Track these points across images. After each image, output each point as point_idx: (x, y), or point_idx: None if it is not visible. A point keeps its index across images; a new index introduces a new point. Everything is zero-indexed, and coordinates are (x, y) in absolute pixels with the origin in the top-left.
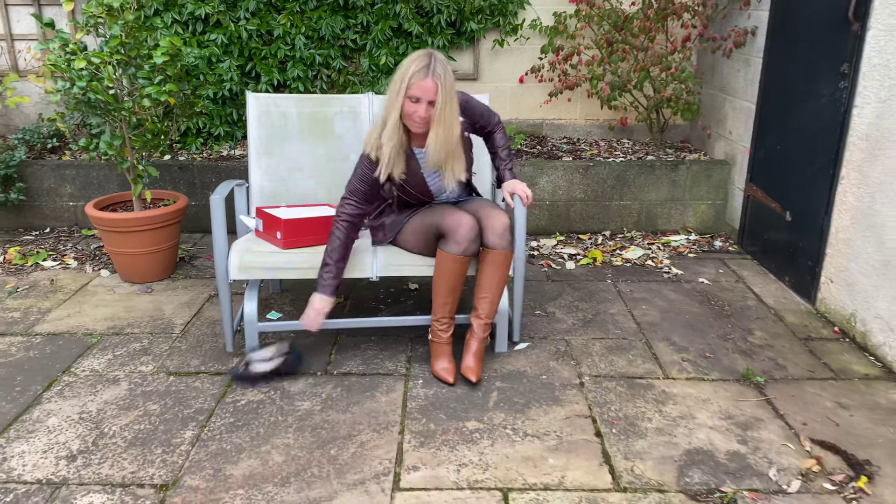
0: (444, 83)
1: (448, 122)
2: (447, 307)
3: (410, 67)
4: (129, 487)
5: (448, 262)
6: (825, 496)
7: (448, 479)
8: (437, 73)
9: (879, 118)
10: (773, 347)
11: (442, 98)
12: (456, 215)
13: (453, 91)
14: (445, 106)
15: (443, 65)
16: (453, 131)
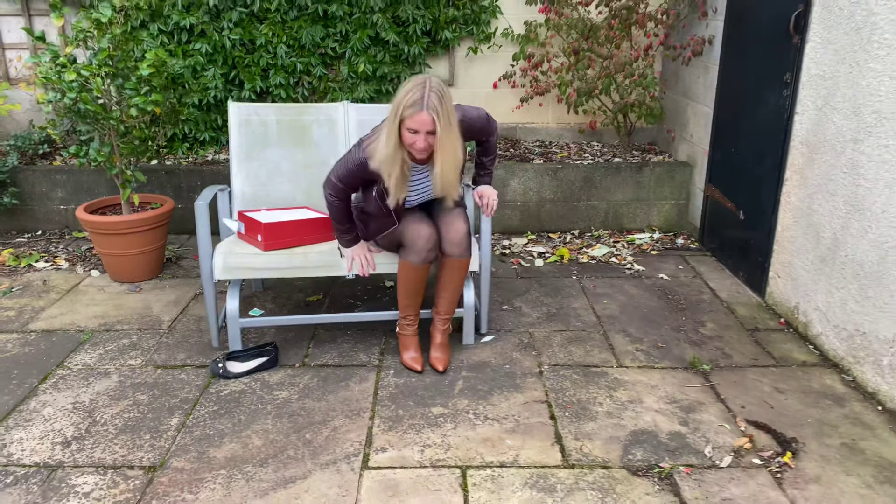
0: (441, 113)
1: (451, 149)
2: (410, 307)
3: (405, 99)
4: (119, 469)
5: (408, 271)
6: (752, 470)
7: (413, 458)
8: (432, 104)
9: (817, 125)
10: (722, 338)
11: (441, 128)
12: (415, 228)
13: (452, 116)
14: (445, 135)
15: (437, 94)
16: (457, 156)
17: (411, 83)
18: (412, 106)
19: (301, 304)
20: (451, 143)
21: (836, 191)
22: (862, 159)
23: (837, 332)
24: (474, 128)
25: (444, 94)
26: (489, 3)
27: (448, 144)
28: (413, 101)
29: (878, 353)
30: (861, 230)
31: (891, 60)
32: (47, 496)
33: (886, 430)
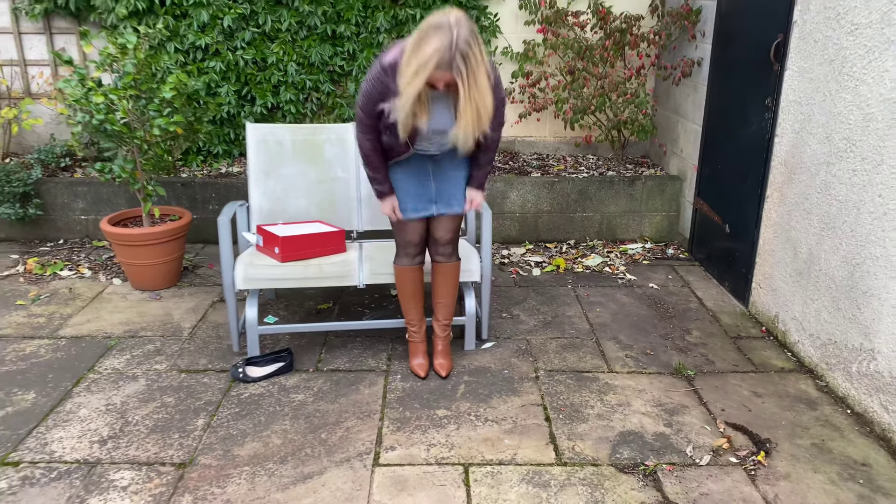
0: (466, 73)
1: (477, 103)
2: (413, 311)
3: (432, 59)
4: (153, 465)
5: (400, 273)
6: (729, 468)
7: (419, 456)
8: (457, 66)
9: (794, 147)
10: (707, 345)
11: (466, 86)
12: (406, 234)
13: (479, 67)
14: (471, 89)
15: (463, 53)
16: (484, 110)
17: (437, 38)
18: (440, 66)
19: (312, 312)
20: (477, 97)
21: (812, 209)
22: (834, 181)
23: (812, 340)
24: (496, 100)
25: (472, 46)
26: (489, 23)
27: (473, 100)
28: (441, 62)
29: (847, 360)
30: (833, 247)
31: (858, 92)
32: (89, 489)
33: (854, 431)
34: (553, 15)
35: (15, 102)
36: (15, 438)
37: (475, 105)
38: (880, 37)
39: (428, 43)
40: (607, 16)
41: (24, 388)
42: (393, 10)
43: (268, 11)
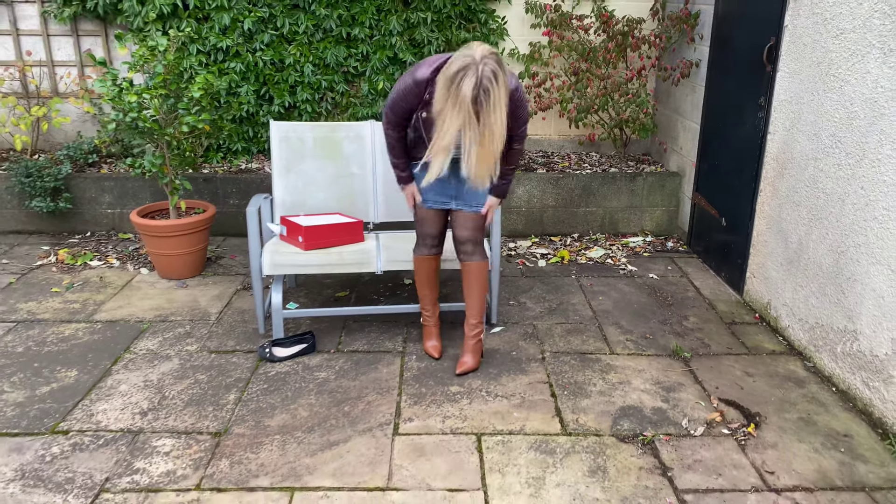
0: (489, 107)
1: (490, 142)
2: (426, 298)
3: (467, 96)
4: (191, 434)
5: (417, 262)
6: (721, 438)
7: (435, 427)
8: (481, 100)
9: (786, 144)
10: (703, 330)
11: (484, 121)
12: (424, 226)
13: (499, 106)
14: (486, 129)
15: (486, 90)
16: (495, 149)
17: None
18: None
19: (330, 299)
20: (490, 135)
21: (801, 202)
22: (821, 175)
23: (801, 324)
24: (516, 112)
25: (496, 87)
26: (497, 26)
27: (487, 137)
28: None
29: (832, 342)
30: (820, 236)
31: (843, 92)
32: (135, 454)
33: (838, 407)
34: (558, 18)
35: (44, 101)
36: (63, 410)
37: (491, 140)
38: (863, 41)
39: (462, 83)
40: (610, 20)
41: (67, 366)
42: (405, 13)
43: (286, 15)
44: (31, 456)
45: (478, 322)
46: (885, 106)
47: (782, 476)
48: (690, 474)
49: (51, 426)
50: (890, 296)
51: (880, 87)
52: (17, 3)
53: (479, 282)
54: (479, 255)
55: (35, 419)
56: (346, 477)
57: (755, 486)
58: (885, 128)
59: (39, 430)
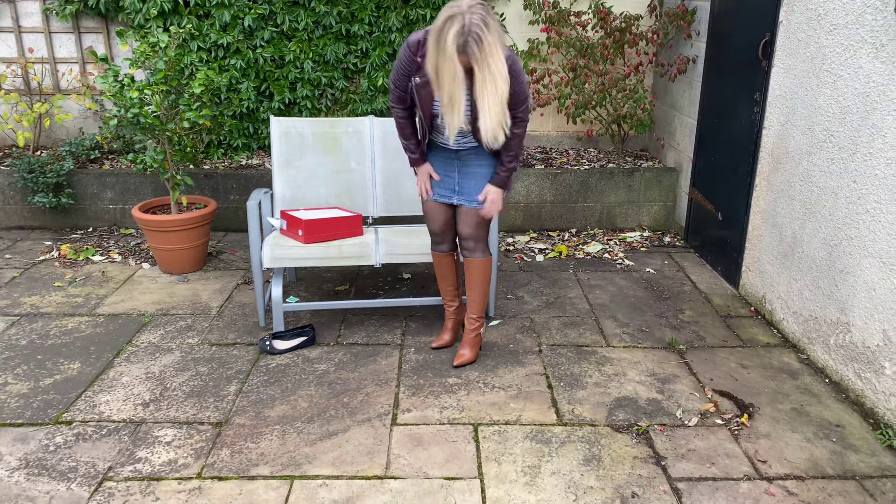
0: (482, 54)
1: (496, 85)
2: (443, 291)
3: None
4: (192, 424)
5: (433, 257)
6: (715, 428)
7: (433, 417)
8: (471, 50)
9: (780, 139)
10: (698, 323)
11: (481, 68)
12: (429, 222)
13: (494, 50)
14: (485, 71)
15: (475, 37)
16: (502, 95)
17: (453, 26)
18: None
19: (330, 293)
20: (492, 82)
21: (795, 196)
22: (814, 169)
23: (795, 317)
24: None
25: (483, 33)
26: None
27: (486, 87)
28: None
29: (825, 334)
30: (814, 230)
31: (836, 87)
32: (137, 444)
33: (830, 398)
34: (556, 15)
35: (46, 98)
36: (66, 401)
37: (494, 87)
38: (855, 36)
39: (448, 31)
40: (608, 16)
41: (70, 358)
42: (404, 10)
43: (286, 12)
44: (35, 445)
45: (477, 317)
46: (877, 100)
47: (774, 465)
48: (684, 463)
49: (54, 417)
50: (881, 288)
51: (872, 82)
52: (19, 0)
53: (479, 278)
54: (481, 252)
55: (39, 410)
56: (345, 466)
57: (747, 474)
58: (877, 122)
59: (43, 421)
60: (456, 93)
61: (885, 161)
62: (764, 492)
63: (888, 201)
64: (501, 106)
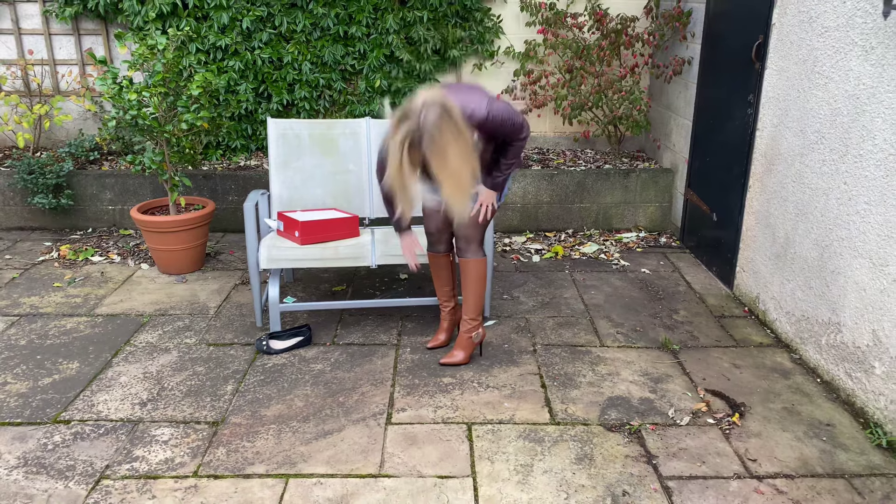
0: (435, 146)
1: (455, 173)
2: (440, 291)
3: (405, 141)
4: (189, 424)
5: (428, 257)
6: (706, 427)
7: (427, 416)
8: (425, 145)
9: (773, 140)
10: (692, 323)
11: (437, 158)
12: (426, 222)
13: (448, 140)
14: (443, 165)
15: (430, 132)
16: (464, 178)
17: (406, 124)
18: (411, 147)
19: (327, 293)
20: (453, 166)
21: (788, 197)
22: (806, 171)
23: (788, 317)
24: (495, 128)
25: (439, 123)
26: (493, 24)
27: (449, 170)
28: (411, 144)
29: (817, 334)
30: (806, 231)
31: (827, 89)
32: (134, 442)
33: (821, 397)
34: (553, 16)
35: (46, 99)
36: (64, 401)
37: (452, 177)
38: (846, 39)
39: (401, 128)
40: (604, 18)
41: (68, 358)
42: (402, 12)
43: (284, 14)
44: (33, 444)
45: (470, 318)
46: (867, 103)
47: (764, 463)
48: (675, 462)
49: (53, 416)
50: (871, 288)
51: (862, 85)
52: (18, 2)
53: (473, 279)
54: (473, 253)
55: (37, 409)
56: (340, 464)
57: (737, 472)
58: (867, 124)
59: (42, 420)
60: (399, 185)
61: (874, 163)
62: (753, 490)
63: (878, 203)
64: (463, 194)
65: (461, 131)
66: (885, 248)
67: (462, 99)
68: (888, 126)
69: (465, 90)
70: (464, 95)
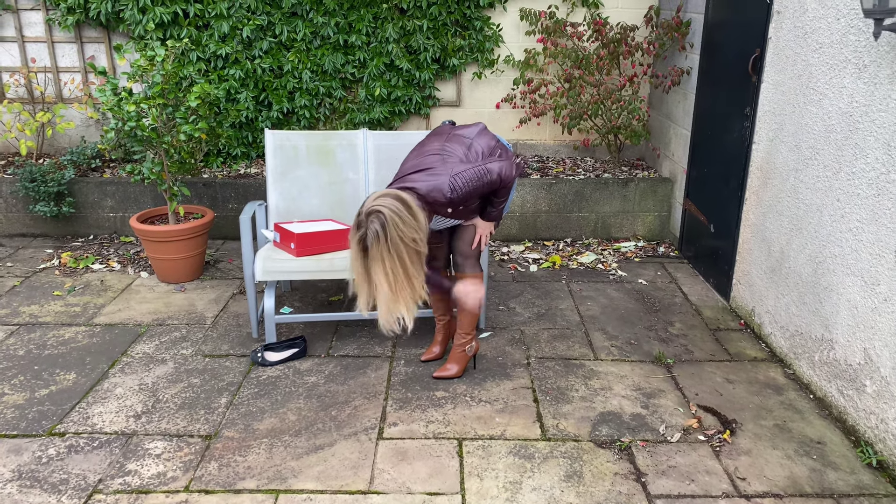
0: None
1: (382, 290)
2: (435, 306)
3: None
4: (182, 437)
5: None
6: (697, 444)
7: (419, 431)
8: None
9: (769, 154)
10: (687, 336)
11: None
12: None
13: (383, 258)
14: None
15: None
16: (387, 296)
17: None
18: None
19: (324, 303)
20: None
21: (783, 211)
22: (801, 186)
23: (783, 332)
24: (472, 196)
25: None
26: (493, 33)
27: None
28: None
29: (811, 350)
30: (800, 246)
31: (822, 105)
32: (127, 456)
33: (814, 414)
34: (552, 25)
35: (48, 107)
36: (60, 413)
37: (380, 293)
38: (840, 56)
39: (352, 238)
40: (603, 27)
41: (66, 369)
42: (401, 21)
43: (284, 22)
44: (28, 457)
45: (463, 333)
46: (860, 120)
47: (753, 482)
48: (664, 480)
49: (48, 428)
50: (863, 307)
51: (855, 102)
52: (22, 10)
53: (467, 303)
54: (471, 267)
55: (33, 421)
56: (330, 480)
57: (726, 492)
58: (860, 142)
59: (37, 432)
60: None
61: (866, 181)
62: None
63: (869, 221)
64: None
65: (395, 248)
66: (876, 267)
67: (426, 183)
68: (880, 145)
69: (435, 164)
70: (427, 177)
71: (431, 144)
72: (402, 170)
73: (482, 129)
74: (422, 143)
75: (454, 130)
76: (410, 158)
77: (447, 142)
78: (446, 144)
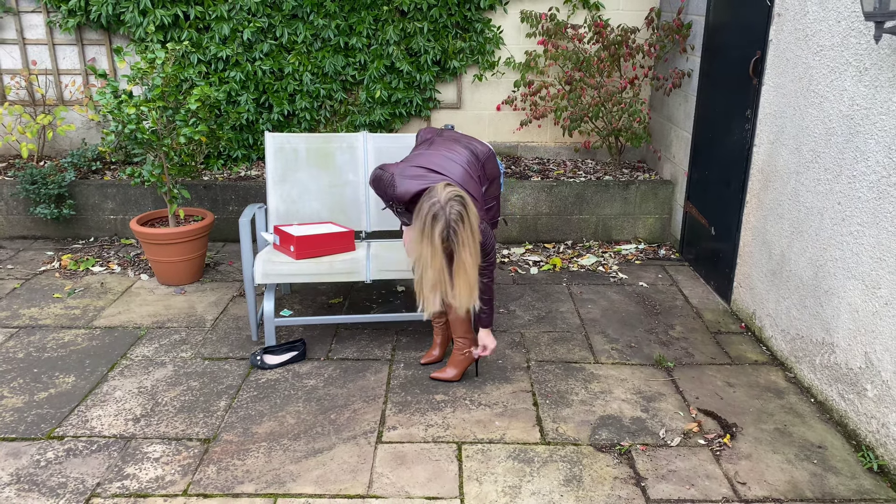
0: (458, 242)
1: (468, 271)
2: (434, 316)
3: (436, 238)
4: (181, 441)
5: None
6: (697, 448)
7: (418, 435)
8: (451, 239)
9: (770, 156)
10: (688, 339)
11: (458, 259)
12: None
13: (468, 240)
14: (461, 267)
15: (454, 230)
16: (471, 279)
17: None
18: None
19: (324, 305)
20: (467, 266)
21: (784, 214)
22: (802, 189)
23: (783, 335)
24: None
25: (462, 228)
26: (493, 35)
27: (464, 269)
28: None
29: (812, 353)
30: (801, 249)
31: (822, 108)
32: (126, 460)
33: (815, 418)
34: (553, 27)
35: (49, 109)
36: (59, 416)
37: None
38: (840, 58)
39: (434, 229)
40: (604, 29)
41: (65, 372)
42: (402, 23)
43: (285, 25)
44: (26, 461)
45: (459, 337)
46: (860, 124)
47: (753, 487)
48: (664, 484)
49: (47, 431)
50: (864, 310)
51: (856, 105)
52: (23, 13)
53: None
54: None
55: (32, 424)
56: (328, 484)
57: (726, 496)
58: (860, 145)
59: (36, 436)
60: (440, 282)
61: (867, 185)
62: None
63: (870, 224)
64: (471, 288)
65: (476, 226)
66: (877, 271)
67: None
68: (881, 148)
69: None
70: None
71: (457, 148)
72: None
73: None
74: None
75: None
76: (435, 155)
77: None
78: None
